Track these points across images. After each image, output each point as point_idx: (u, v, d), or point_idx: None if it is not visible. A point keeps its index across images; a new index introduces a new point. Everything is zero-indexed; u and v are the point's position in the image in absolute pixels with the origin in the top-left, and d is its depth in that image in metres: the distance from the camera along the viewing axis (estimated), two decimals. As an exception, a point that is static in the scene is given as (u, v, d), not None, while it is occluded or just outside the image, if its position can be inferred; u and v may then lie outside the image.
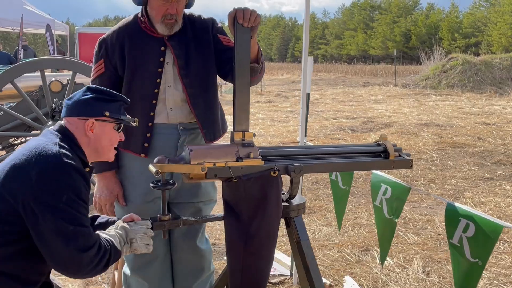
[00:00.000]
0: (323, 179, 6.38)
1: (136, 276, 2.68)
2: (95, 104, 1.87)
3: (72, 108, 1.88)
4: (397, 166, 2.25)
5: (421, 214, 5.17)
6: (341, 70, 35.66)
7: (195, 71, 2.47)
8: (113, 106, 1.90)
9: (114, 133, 1.94)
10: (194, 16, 2.55)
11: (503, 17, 41.46)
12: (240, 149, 1.99)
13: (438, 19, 54.40)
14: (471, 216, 1.99)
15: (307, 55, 3.47)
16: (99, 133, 1.89)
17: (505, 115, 12.48)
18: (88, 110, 1.87)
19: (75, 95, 1.90)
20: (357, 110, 13.42)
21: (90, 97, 1.88)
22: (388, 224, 2.42)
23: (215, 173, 1.93)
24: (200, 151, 1.95)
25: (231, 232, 2.00)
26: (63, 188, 1.69)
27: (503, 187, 6.17)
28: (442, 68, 21.12)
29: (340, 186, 2.93)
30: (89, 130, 1.86)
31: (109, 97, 1.91)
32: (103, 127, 1.89)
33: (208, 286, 2.80)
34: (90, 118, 1.86)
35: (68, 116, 1.88)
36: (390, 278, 3.75)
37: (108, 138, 1.92)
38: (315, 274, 2.12)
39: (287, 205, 2.10)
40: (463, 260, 2.00)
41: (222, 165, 1.94)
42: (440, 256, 4.14)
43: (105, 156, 1.97)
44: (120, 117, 1.92)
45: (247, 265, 2.00)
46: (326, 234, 4.63)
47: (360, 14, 61.53)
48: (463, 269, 2.01)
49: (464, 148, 8.44)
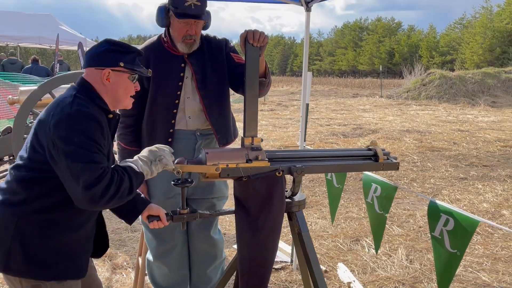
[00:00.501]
0: (319, 178, 6.37)
1: (158, 262, 2.68)
2: (110, 55, 1.78)
3: (90, 59, 1.80)
4: (385, 168, 2.23)
5: (404, 209, 5.14)
6: (334, 83, 35.57)
7: (210, 84, 2.47)
8: (128, 57, 1.81)
9: (129, 83, 1.84)
10: (210, 36, 2.55)
11: (475, 38, 41.29)
12: (250, 152, 1.98)
13: (418, 39, 54.23)
14: (451, 212, 1.98)
15: (306, 71, 3.46)
16: (115, 82, 1.79)
17: (477, 123, 12.43)
18: (104, 60, 1.78)
19: (92, 48, 1.82)
20: (347, 118, 13.39)
21: (105, 48, 1.79)
22: (379, 218, 2.41)
23: (228, 173, 1.92)
24: (214, 154, 1.94)
25: (241, 225, 1.99)
26: (74, 133, 1.64)
27: (475, 186, 6.15)
28: (421, 81, 21.05)
29: (334, 185, 2.92)
30: (105, 79, 1.78)
31: (124, 49, 1.82)
32: (118, 77, 1.80)
33: (220, 272, 2.79)
34: (106, 68, 1.78)
35: (87, 67, 1.81)
36: (378, 265, 3.74)
37: (123, 87, 1.82)
38: (314, 261, 2.11)
39: (290, 201, 2.10)
40: (444, 251, 1.98)
41: (234, 166, 1.93)
42: (421, 246, 4.12)
43: (123, 104, 1.87)
44: (134, 68, 1.82)
45: (255, 253, 1.99)
46: (322, 226, 4.61)
47: (350, 34, 61.39)
48: (443, 259, 1.99)
49: (441, 151, 8.41)
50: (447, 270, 1.97)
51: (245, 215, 1.99)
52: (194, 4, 2.28)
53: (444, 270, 1.99)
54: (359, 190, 5.45)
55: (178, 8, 2.30)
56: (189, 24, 2.34)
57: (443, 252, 1.99)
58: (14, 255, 1.69)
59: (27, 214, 1.70)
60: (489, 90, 19.49)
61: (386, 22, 59.27)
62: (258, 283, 1.99)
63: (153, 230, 2.55)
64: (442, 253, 2.00)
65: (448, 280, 1.98)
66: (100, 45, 1.82)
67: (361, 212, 5.04)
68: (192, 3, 2.28)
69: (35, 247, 1.70)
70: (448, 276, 1.98)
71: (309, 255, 2.10)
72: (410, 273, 3.60)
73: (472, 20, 45.83)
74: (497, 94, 19.28)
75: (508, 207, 5.27)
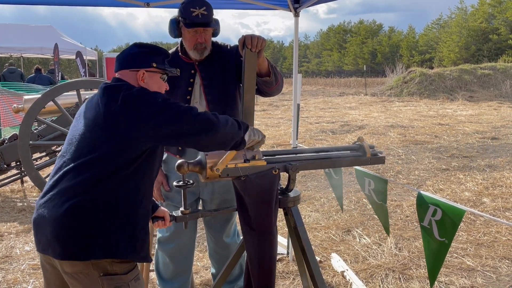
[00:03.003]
0: (310, 173, 6.37)
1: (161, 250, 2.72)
2: (143, 57, 1.79)
3: (123, 62, 1.79)
4: (373, 162, 2.23)
5: (391, 200, 5.15)
6: (321, 83, 35.62)
7: (216, 90, 2.49)
8: (159, 58, 1.82)
9: (161, 82, 1.84)
10: (221, 44, 2.58)
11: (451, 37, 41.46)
12: (247, 152, 1.97)
13: (398, 40, 54.36)
14: (438, 203, 1.97)
15: (297, 73, 3.45)
16: (149, 82, 1.79)
17: (456, 117, 12.50)
18: (138, 62, 1.78)
19: (124, 51, 1.83)
20: (335, 116, 13.41)
21: (138, 51, 1.80)
22: (380, 207, 2.44)
23: (228, 173, 1.91)
24: (214, 155, 1.93)
25: (243, 219, 1.98)
26: (150, 97, 1.66)
27: (457, 176, 6.17)
28: (403, 79, 21.14)
29: (334, 177, 2.94)
30: (140, 80, 1.77)
31: (155, 50, 1.83)
32: (152, 77, 1.80)
33: (239, 267, 2.83)
34: (140, 69, 1.78)
35: (121, 70, 1.80)
36: (369, 253, 3.74)
37: (157, 86, 1.81)
38: (310, 253, 2.10)
39: (285, 197, 2.09)
40: (433, 240, 1.98)
41: (233, 166, 1.92)
42: (409, 234, 4.13)
43: None
44: (166, 68, 1.83)
45: (255, 244, 1.98)
46: (315, 219, 4.61)
47: (335, 37, 61.42)
48: (432, 247, 1.99)
49: (424, 144, 8.44)
50: (437, 257, 1.97)
51: (246, 211, 1.97)
52: (201, 13, 2.32)
53: (433, 258, 1.99)
54: (349, 184, 5.45)
55: (186, 18, 2.34)
56: (198, 32, 2.38)
57: (432, 241, 1.99)
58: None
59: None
60: (466, 86, 19.62)
61: (368, 24, 59.36)
62: (268, 278, 1.98)
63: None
64: (431, 241, 2.00)
65: (438, 267, 1.98)
66: (131, 48, 1.82)
67: (351, 204, 5.05)
68: (199, 12, 2.31)
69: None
70: (437, 264, 1.98)
71: (305, 247, 2.09)
72: (399, 260, 3.60)
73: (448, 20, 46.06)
74: (473, 89, 19.41)
75: (488, 195, 5.30)
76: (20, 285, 3.29)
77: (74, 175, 1.62)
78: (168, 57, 1.88)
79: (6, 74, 12.35)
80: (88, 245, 1.58)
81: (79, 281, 1.62)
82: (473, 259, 3.59)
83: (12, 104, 6.84)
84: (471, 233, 4.12)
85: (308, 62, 65.72)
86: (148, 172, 1.73)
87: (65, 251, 1.59)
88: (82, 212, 1.59)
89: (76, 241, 1.58)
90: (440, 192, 5.46)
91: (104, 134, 1.64)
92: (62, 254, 1.59)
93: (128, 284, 1.65)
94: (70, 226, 1.58)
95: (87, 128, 1.68)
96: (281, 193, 2.09)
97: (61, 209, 1.59)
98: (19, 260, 3.73)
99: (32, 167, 4.98)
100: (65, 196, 1.61)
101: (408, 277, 3.33)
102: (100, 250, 1.58)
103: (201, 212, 1.96)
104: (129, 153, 1.63)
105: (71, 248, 1.58)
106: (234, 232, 2.79)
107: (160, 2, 3.45)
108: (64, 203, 1.59)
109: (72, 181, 1.61)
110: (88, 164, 1.62)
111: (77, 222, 1.59)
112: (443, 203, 1.95)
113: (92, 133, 1.66)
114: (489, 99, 17.65)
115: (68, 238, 1.59)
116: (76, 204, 1.59)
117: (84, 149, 1.65)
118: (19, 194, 5.73)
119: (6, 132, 8.56)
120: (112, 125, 1.63)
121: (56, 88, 5.10)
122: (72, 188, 1.61)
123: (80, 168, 1.62)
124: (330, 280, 3.30)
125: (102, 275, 1.61)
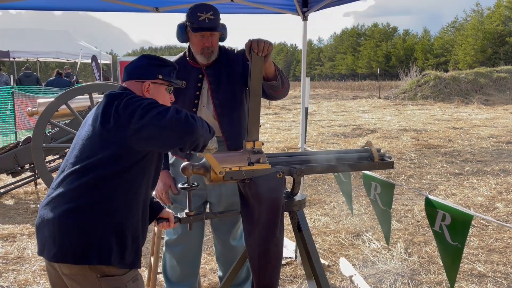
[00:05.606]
0: (321, 177, 6.34)
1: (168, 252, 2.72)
2: (150, 69, 1.81)
3: (130, 73, 1.82)
4: (380, 167, 2.21)
5: (402, 205, 5.10)
6: (334, 86, 35.50)
7: (223, 95, 2.51)
8: (165, 70, 1.84)
9: (166, 94, 1.86)
10: (229, 49, 2.59)
11: (467, 40, 41.01)
12: (251, 155, 1.96)
13: (413, 43, 53.95)
14: (446, 208, 1.95)
15: (305, 77, 3.45)
16: (154, 94, 1.81)
17: (471, 121, 12.33)
18: (144, 73, 1.81)
19: (132, 62, 1.86)
20: (348, 119, 13.34)
21: (145, 62, 1.83)
22: (384, 213, 2.41)
23: (231, 175, 1.91)
24: (218, 158, 1.93)
25: (247, 222, 1.98)
26: (139, 101, 1.66)
27: (470, 181, 6.09)
28: (417, 83, 20.94)
29: (343, 180, 2.93)
30: (146, 91, 1.80)
31: (162, 63, 1.85)
32: (157, 88, 1.82)
33: (246, 270, 2.83)
34: (146, 80, 1.80)
35: (128, 80, 1.83)
36: (378, 258, 3.70)
37: (162, 98, 1.83)
38: (315, 257, 2.09)
39: (291, 201, 2.08)
40: (446, 244, 1.97)
41: (237, 169, 1.92)
42: (419, 239, 4.08)
43: None
44: (171, 80, 1.85)
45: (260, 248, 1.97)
46: (324, 223, 4.59)
47: (349, 40, 61.20)
48: (447, 251, 1.98)
49: (437, 148, 8.34)
50: (452, 261, 1.97)
51: (250, 214, 1.97)
52: (208, 18, 2.34)
53: (450, 262, 1.98)
54: (359, 188, 5.41)
55: (193, 23, 2.36)
56: (205, 36, 2.40)
57: (446, 245, 1.98)
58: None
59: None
60: (481, 89, 19.34)
61: (382, 27, 59.04)
62: (270, 280, 1.98)
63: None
64: (444, 246, 1.99)
65: (455, 271, 1.98)
66: (139, 60, 1.85)
67: (361, 208, 5.01)
68: (206, 17, 2.34)
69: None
70: (454, 267, 1.98)
71: (310, 251, 2.09)
72: (409, 265, 3.56)
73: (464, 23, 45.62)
74: (489, 92, 19.13)
75: (501, 200, 5.21)
76: (31, 286, 3.33)
77: (73, 179, 1.65)
78: (176, 70, 1.90)
79: (22, 78, 12.58)
80: (83, 251, 1.60)
81: (78, 283, 1.64)
82: (484, 265, 3.53)
83: (27, 107, 6.95)
84: (483, 239, 4.05)
85: (322, 65, 65.57)
86: (144, 181, 1.73)
87: (60, 253, 1.61)
88: (77, 216, 1.62)
89: (71, 244, 1.61)
90: (453, 196, 5.39)
91: (100, 140, 1.67)
92: (57, 257, 1.62)
93: (125, 285, 1.67)
94: (65, 229, 1.61)
95: (88, 134, 1.71)
96: (286, 197, 2.09)
97: (58, 212, 1.62)
98: (31, 261, 3.78)
99: (45, 170, 5.05)
100: (63, 200, 1.64)
101: (417, 282, 3.28)
102: (95, 257, 1.61)
103: (205, 214, 1.97)
104: (124, 159, 1.65)
105: (66, 250, 1.61)
106: (241, 235, 2.79)
107: (169, 7, 3.48)
108: (61, 206, 1.63)
109: (71, 185, 1.65)
110: (86, 169, 1.65)
111: (72, 226, 1.61)
112: (451, 208, 1.93)
113: (91, 139, 1.69)
114: (505, 103, 17.36)
115: (63, 241, 1.61)
116: (72, 208, 1.62)
117: (84, 154, 1.68)
118: (32, 196, 5.82)
119: (21, 135, 8.71)
120: (107, 131, 1.66)
121: (69, 92, 5.18)
122: (70, 192, 1.64)
123: (78, 173, 1.65)
124: (338, 284, 3.28)
125: (99, 277, 1.63)
